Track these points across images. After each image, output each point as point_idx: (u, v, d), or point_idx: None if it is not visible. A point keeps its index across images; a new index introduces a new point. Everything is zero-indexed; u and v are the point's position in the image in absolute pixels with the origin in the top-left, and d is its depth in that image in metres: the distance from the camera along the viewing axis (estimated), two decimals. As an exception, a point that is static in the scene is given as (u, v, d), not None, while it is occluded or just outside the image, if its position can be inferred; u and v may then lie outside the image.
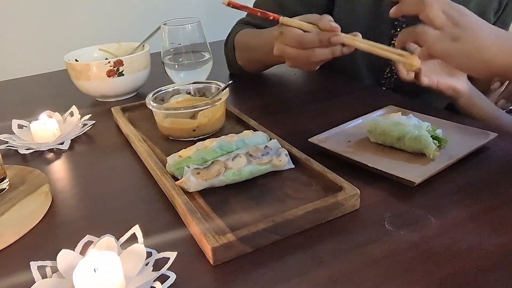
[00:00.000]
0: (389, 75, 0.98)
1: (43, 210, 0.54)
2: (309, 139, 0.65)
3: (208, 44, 0.89)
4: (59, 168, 0.66)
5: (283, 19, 0.71)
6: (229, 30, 1.04)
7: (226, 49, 1.02)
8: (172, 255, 0.43)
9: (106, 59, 0.89)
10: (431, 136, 0.60)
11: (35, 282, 0.41)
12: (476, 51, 0.57)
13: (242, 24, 1.02)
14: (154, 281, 0.41)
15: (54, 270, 0.42)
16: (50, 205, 0.56)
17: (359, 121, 0.70)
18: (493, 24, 0.94)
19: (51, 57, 1.30)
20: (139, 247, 0.43)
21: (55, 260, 0.42)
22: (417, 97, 0.98)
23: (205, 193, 0.54)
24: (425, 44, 0.59)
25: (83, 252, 0.45)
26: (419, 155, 0.60)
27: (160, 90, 0.75)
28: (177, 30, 0.85)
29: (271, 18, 0.72)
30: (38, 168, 0.62)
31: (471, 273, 0.41)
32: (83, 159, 0.69)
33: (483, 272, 0.41)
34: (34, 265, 0.42)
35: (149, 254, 0.44)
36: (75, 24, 1.48)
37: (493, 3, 0.91)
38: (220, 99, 0.70)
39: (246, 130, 0.65)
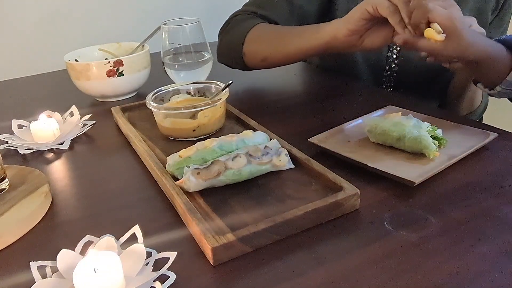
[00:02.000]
0: (388, 73, 0.98)
1: (43, 210, 0.54)
2: (309, 139, 0.65)
3: (208, 44, 0.89)
4: (59, 168, 0.66)
5: None
6: (228, 18, 0.97)
7: (226, 37, 0.95)
8: (172, 255, 0.43)
9: (106, 59, 0.89)
10: (431, 136, 0.60)
11: (35, 282, 0.41)
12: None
13: (247, 14, 0.96)
14: (154, 281, 0.41)
15: (54, 270, 0.42)
16: (50, 205, 0.56)
17: (359, 121, 0.70)
18: (491, 22, 0.95)
19: (51, 57, 1.30)
20: (139, 247, 0.43)
21: (55, 260, 0.42)
22: (416, 94, 0.98)
23: (205, 193, 0.54)
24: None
25: (83, 252, 0.45)
26: (419, 155, 0.60)
27: (160, 90, 0.75)
28: (177, 30, 0.85)
29: None
30: (38, 168, 0.62)
31: (471, 273, 0.41)
32: (83, 159, 0.69)
33: (484, 272, 0.41)
34: (34, 265, 0.42)
35: (149, 254, 0.44)
36: (75, 24, 1.48)
37: (491, 1, 0.92)
38: (220, 99, 0.70)
39: (246, 130, 0.65)
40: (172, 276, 0.42)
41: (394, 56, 0.96)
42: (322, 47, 0.79)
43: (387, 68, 0.98)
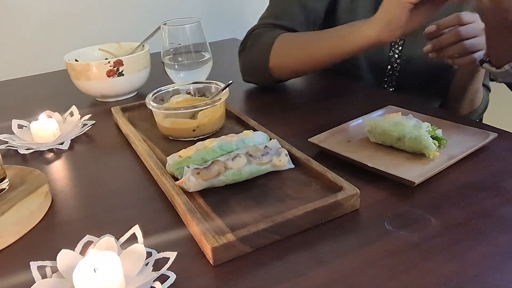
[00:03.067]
0: (390, 72, 0.98)
1: (43, 210, 0.54)
2: (309, 139, 0.65)
3: (208, 44, 0.89)
4: (59, 168, 0.66)
5: None
6: (245, 35, 0.95)
7: (249, 55, 0.92)
8: (172, 255, 0.43)
9: (106, 59, 0.89)
10: (431, 136, 0.60)
11: (35, 282, 0.41)
12: None
13: (265, 27, 0.93)
14: (154, 281, 0.41)
15: (54, 270, 0.42)
16: (50, 205, 0.56)
17: (359, 121, 0.70)
18: None
19: (51, 57, 1.30)
20: (139, 247, 0.43)
21: (55, 260, 0.42)
22: (418, 94, 0.98)
23: (205, 193, 0.54)
24: None
25: (83, 252, 0.45)
26: (419, 155, 0.60)
27: (160, 90, 0.75)
28: (177, 30, 0.85)
29: None
30: (38, 168, 0.62)
31: (471, 273, 0.41)
32: (83, 159, 0.69)
33: (484, 272, 0.41)
34: (34, 265, 0.42)
35: (149, 254, 0.44)
36: (75, 24, 1.48)
37: None
38: (220, 99, 0.70)
39: (246, 130, 0.65)
40: (172, 276, 0.42)
41: (396, 55, 0.96)
42: (363, 49, 0.76)
43: (389, 67, 0.97)
